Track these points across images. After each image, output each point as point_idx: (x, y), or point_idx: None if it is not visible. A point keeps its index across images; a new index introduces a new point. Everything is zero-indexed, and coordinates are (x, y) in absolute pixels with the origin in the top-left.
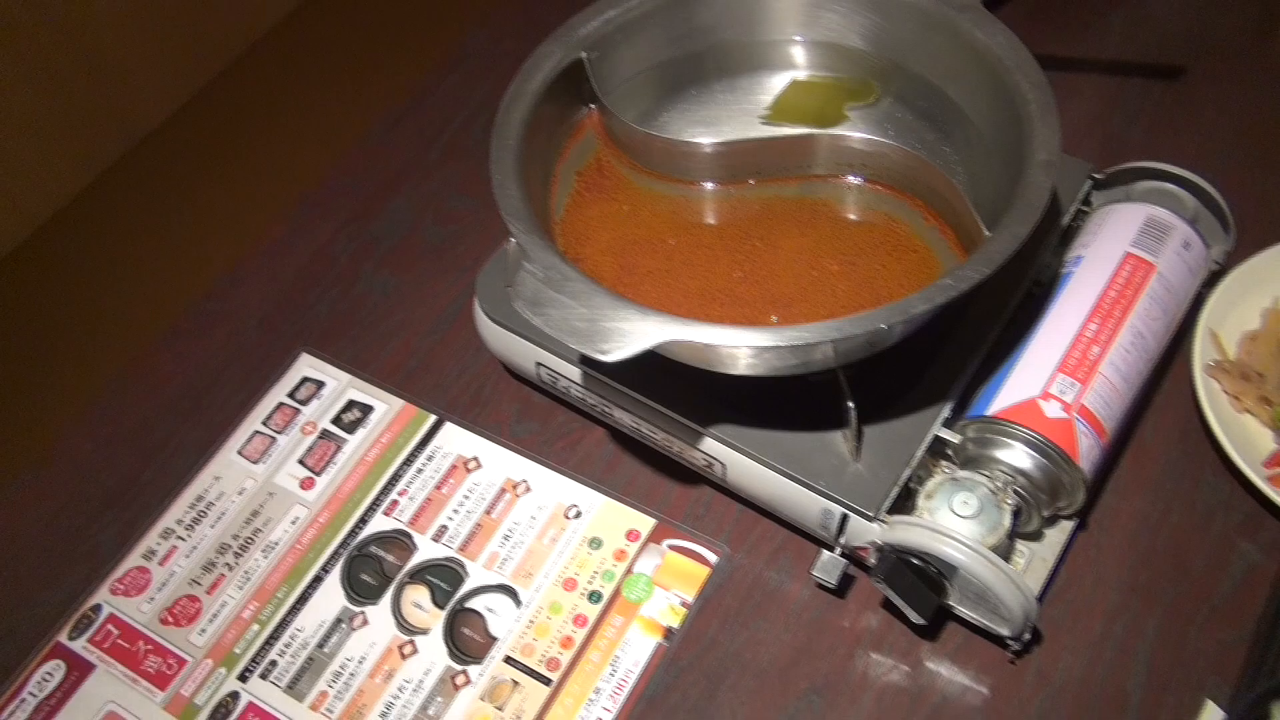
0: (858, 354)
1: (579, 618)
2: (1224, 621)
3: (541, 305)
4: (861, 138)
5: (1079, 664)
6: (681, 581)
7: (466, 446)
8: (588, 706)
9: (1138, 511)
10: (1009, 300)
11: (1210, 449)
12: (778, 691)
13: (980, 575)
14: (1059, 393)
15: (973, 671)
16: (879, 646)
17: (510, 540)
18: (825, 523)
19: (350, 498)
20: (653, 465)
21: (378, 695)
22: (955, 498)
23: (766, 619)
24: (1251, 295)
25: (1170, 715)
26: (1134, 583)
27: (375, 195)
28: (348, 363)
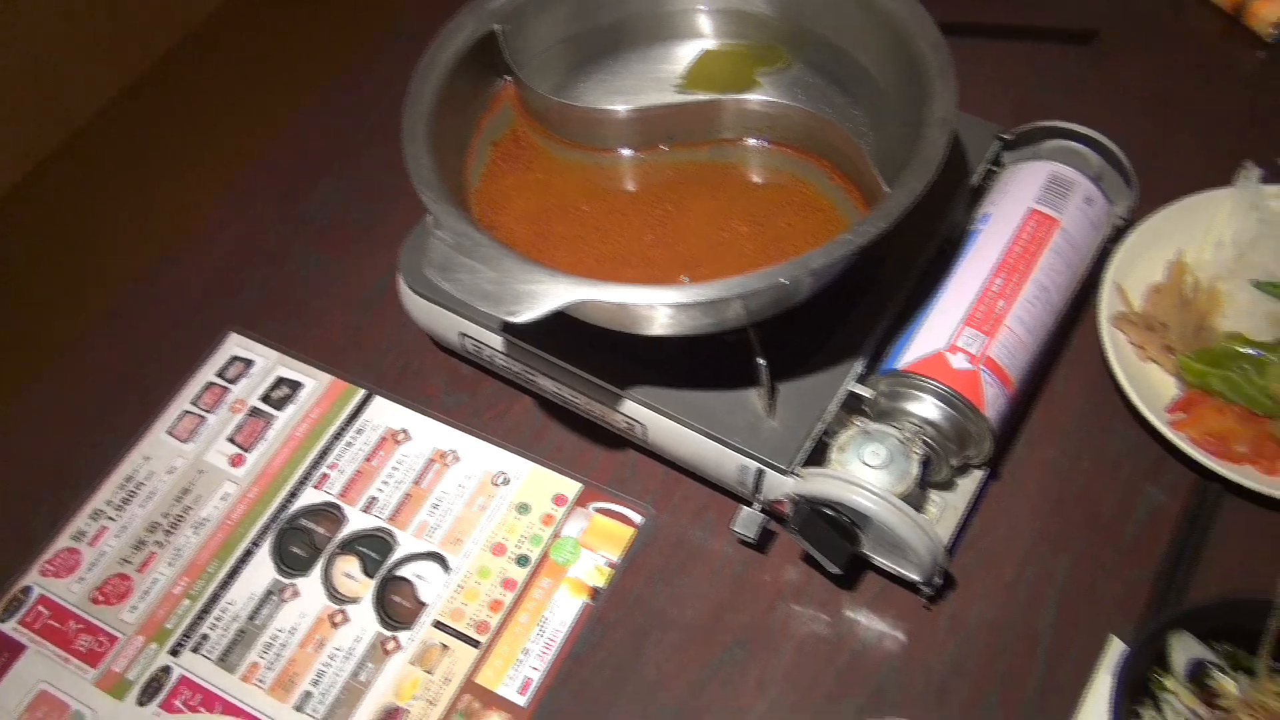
0: (767, 311)
1: (507, 581)
2: (1130, 562)
3: (451, 270)
4: (769, 101)
5: (992, 608)
6: (608, 543)
7: (396, 419)
8: (516, 666)
9: (1049, 460)
10: (919, 259)
11: (1118, 398)
12: (702, 645)
13: (888, 522)
14: (965, 345)
15: (890, 619)
16: (799, 598)
17: (439, 509)
18: (742, 479)
19: (280, 473)
20: (579, 431)
21: (309, 664)
22: (865, 449)
23: (690, 576)
24: (1156, 249)
25: (1078, 653)
26: (1045, 529)
27: (305, 176)
28: (277, 341)
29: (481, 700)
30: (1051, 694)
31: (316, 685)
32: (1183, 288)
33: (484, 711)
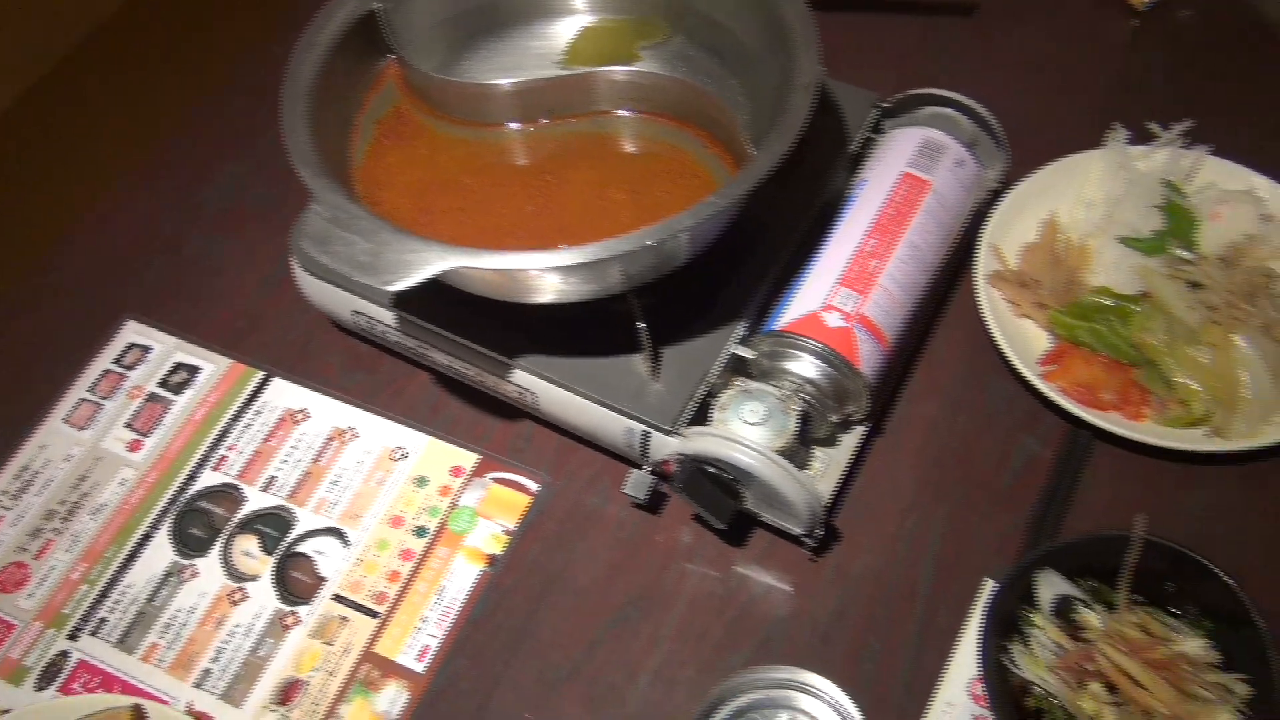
0: (647, 276)
1: (406, 552)
2: (1006, 509)
3: (328, 243)
4: (643, 72)
5: (875, 558)
6: (504, 511)
7: (295, 399)
8: (414, 634)
9: (929, 415)
10: (800, 224)
11: (994, 354)
12: (596, 606)
13: (766, 476)
14: (840, 304)
15: (777, 572)
16: (691, 557)
17: (338, 485)
18: (630, 441)
19: (179, 456)
20: (475, 404)
21: (209, 642)
22: (744, 407)
23: (585, 540)
24: (1030, 210)
25: (955, 597)
26: (925, 481)
27: (204, 162)
28: (176, 326)
29: (381, 669)
30: (930, 636)
31: (216, 662)
32: (1054, 246)
33: (383, 680)
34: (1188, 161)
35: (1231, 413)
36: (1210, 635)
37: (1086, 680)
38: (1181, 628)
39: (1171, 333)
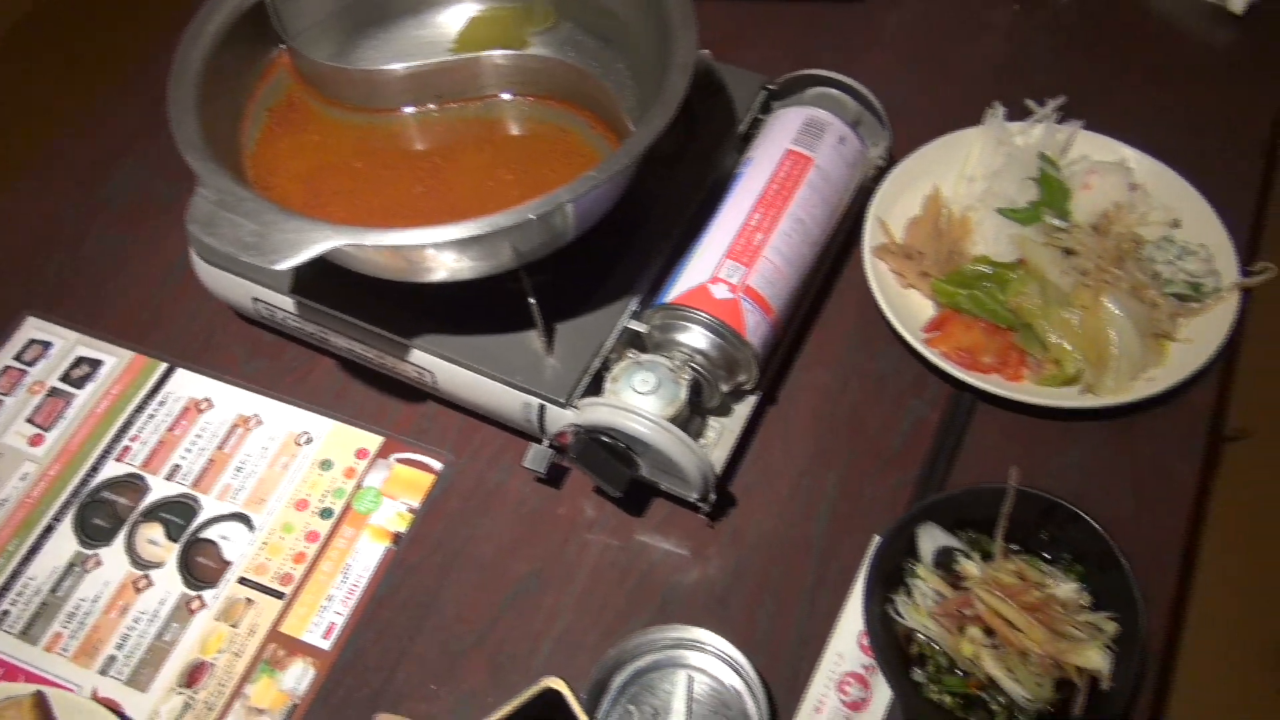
0: (537, 252)
1: (311, 534)
2: (895, 469)
3: (214, 225)
4: (528, 56)
5: (770, 521)
6: (409, 490)
7: (198, 389)
8: (320, 612)
9: (821, 384)
10: (690, 202)
11: (882, 323)
12: (499, 579)
13: (657, 443)
14: (726, 276)
15: (676, 539)
16: (592, 528)
17: (243, 471)
18: (528, 416)
19: (81, 449)
20: (379, 388)
21: (113, 629)
22: (635, 377)
23: (488, 515)
24: (914, 186)
25: (846, 554)
26: (818, 446)
27: (104, 160)
28: (77, 321)
29: (287, 648)
30: (822, 593)
31: (121, 649)
32: (937, 219)
33: (289, 658)
34: (1062, 136)
35: (1102, 370)
36: (1081, 579)
37: (965, 625)
38: (1055, 573)
39: (1045, 297)
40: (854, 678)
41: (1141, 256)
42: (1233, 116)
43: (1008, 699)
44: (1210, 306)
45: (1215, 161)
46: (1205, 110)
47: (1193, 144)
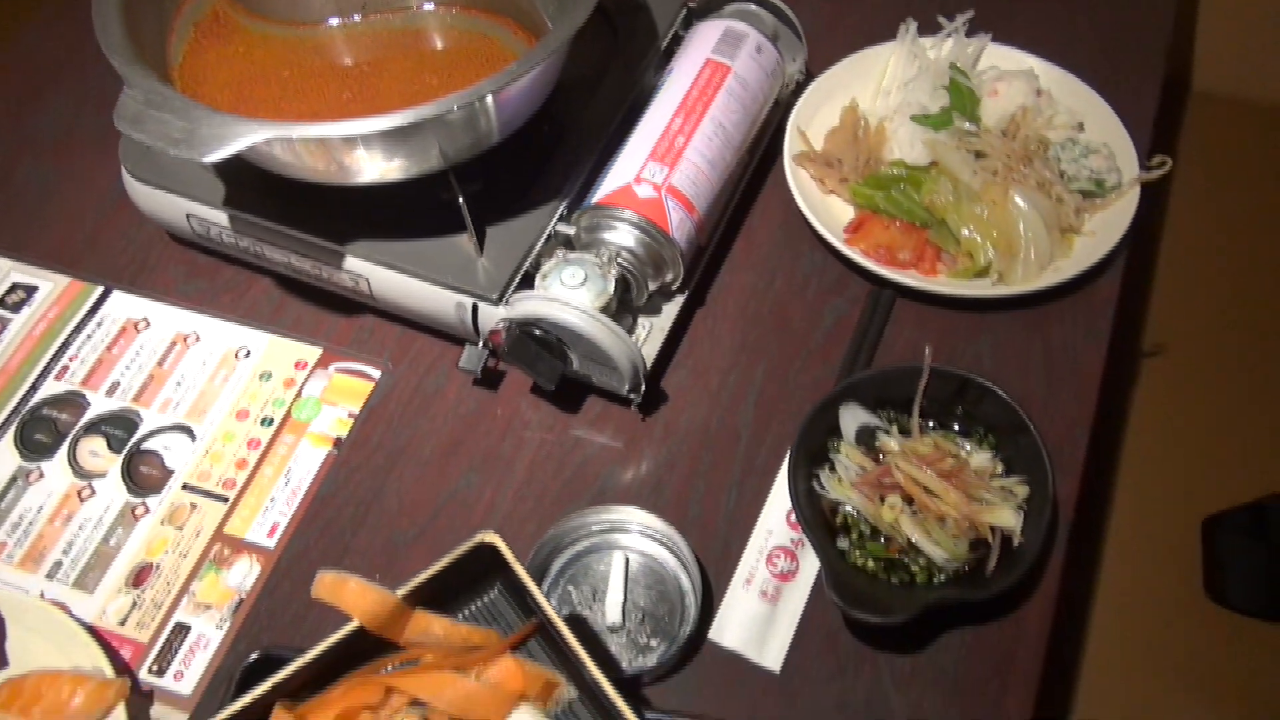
0: (465, 154)
1: (252, 441)
2: (818, 362)
3: (141, 123)
4: None
5: (700, 413)
6: (348, 397)
7: (135, 310)
8: (263, 514)
9: (747, 285)
10: (614, 113)
11: (805, 227)
12: (440, 476)
13: (587, 331)
14: (649, 177)
15: (610, 432)
16: (528, 425)
17: (183, 386)
18: (461, 316)
19: (19, 370)
20: (316, 302)
21: (58, 537)
22: (564, 272)
23: (427, 418)
24: (832, 99)
25: (773, 441)
26: (744, 343)
27: (32, 91)
28: (10, 249)
29: (231, 547)
30: (751, 476)
31: (67, 554)
32: (855, 128)
33: (234, 556)
34: (972, 49)
35: (1012, 261)
36: (994, 449)
37: (885, 494)
38: (969, 446)
39: (957, 194)
40: (783, 551)
41: (1048, 156)
42: (1135, 23)
43: (927, 560)
44: (1112, 201)
45: (1117, 68)
46: (1107, 21)
47: (1095, 53)
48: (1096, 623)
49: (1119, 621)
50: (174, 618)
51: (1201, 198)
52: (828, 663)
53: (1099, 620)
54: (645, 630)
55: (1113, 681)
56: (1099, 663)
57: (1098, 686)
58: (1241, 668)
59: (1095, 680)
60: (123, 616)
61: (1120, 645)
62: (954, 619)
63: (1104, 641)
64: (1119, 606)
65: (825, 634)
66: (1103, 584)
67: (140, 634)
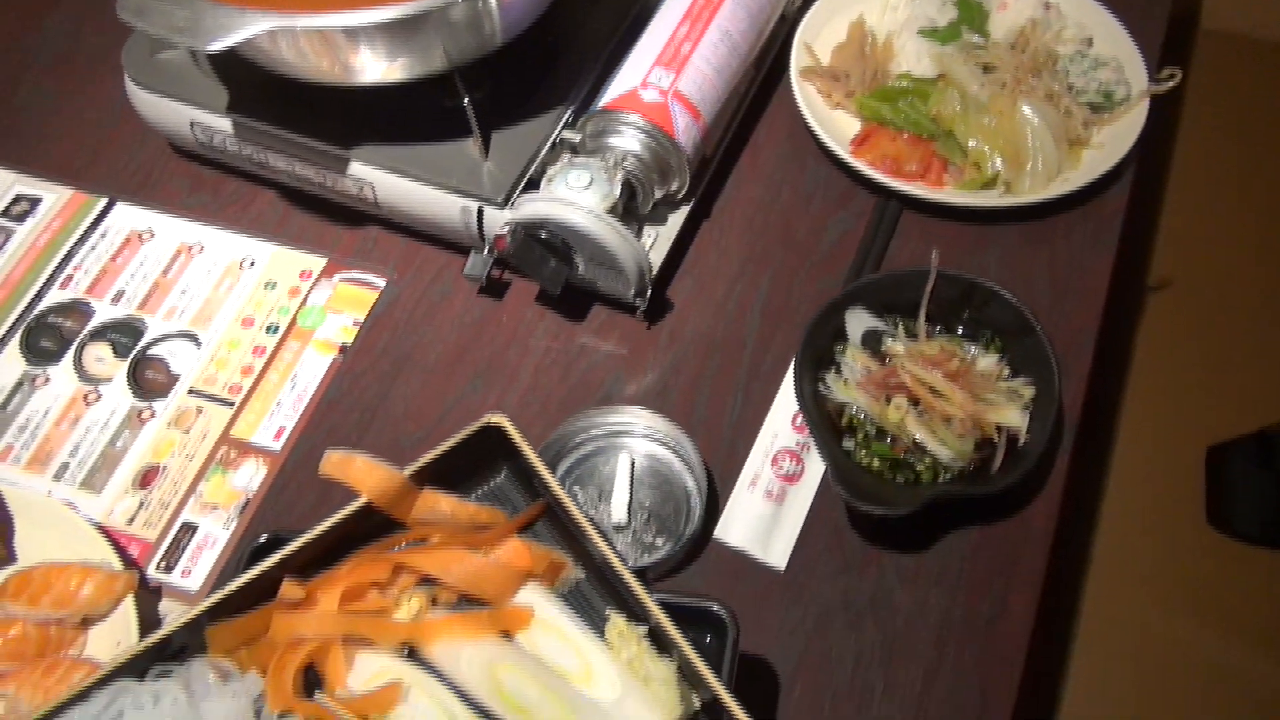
0: (468, 55)
1: (258, 348)
2: (823, 273)
3: (145, 13)
4: None
5: (705, 321)
6: (353, 306)
7: (140, 222)
8: (270, 418)
9: (753, 198)
10: (620, 22)
11: (811, 141)
12: (445, 381)
13: (592, 231)
14: (655, 81)
15: (615, 340)
16: (533, 334)
17: (188, 294)
18: (466, 220)
19: (24, 279)
20: (320, 214)
21: (64, 439)
22: (570, 175)
23: (432, 327)
24: (839, 15)
25: (779, 347)
26: (750, 254)
27: (35, 8)
28: (14, 163)
29: (238, 450)
30: (756, 382)
31: (74, 456)
32: (862, 43)
33: (240, 459)
34: None
35: (1019, 170)
36: (1000, 352)
37: (891, 395)
38: (975, 350)
39: (965, 105)
40: (788, 454)
41: (1056, 70)
42: None
43: (932, 459)
44: (1121, 115)
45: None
46: None
47: None
48: (1099, 547)
49: (1121, 548)
50: (181, 517)
51: (1208, 134)
52: (833, 561)
53: (1101, 544)
54: (651, 529)
55: (1114, 607)
56: (1100, 587)
57: (1099, 611)
58: (1243, 594)
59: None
60: (130, 516)
61: (1122, 571)
62: (960, 519)
63: (1106, 566)
64: (1122, 532)
65: (830, 534)
66: (1105, 511)
67: (148, 532)
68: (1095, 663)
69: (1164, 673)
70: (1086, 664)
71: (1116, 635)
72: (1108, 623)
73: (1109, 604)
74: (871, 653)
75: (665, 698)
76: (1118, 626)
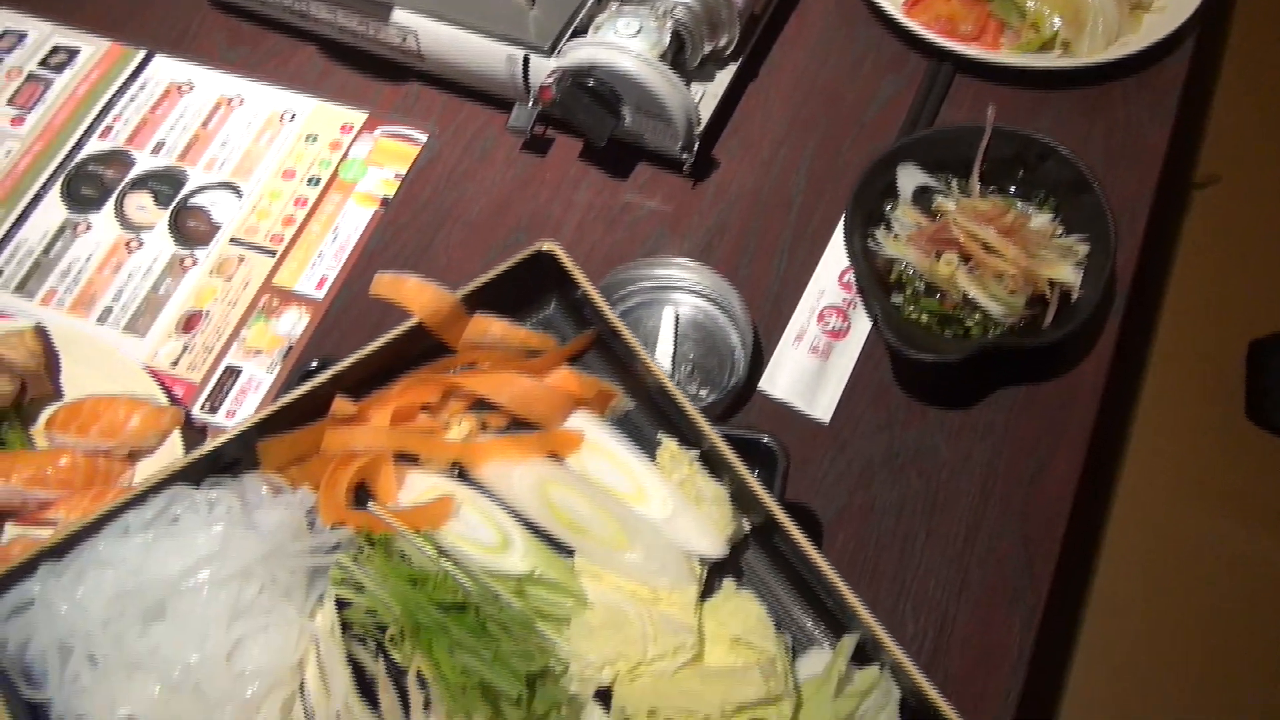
0: None
1: (299, 200)
2: (872, 138)
3: None
4: None
5: (751, 180)
6: (394, 160)
7: (179, 74)
8: (312, 267)
9: (800, 61)
10: None
11: (861, 3)
12: (488, 233)
13: (641, 77)
14: None
15: (660, 198)
16: (576, 188)
17: (228, 146)
18: (512, 69)
19: (64, 128)
20: (361, 69)
21: (107, 284)
22: (619, 22)
23: (475, 181)
24: None
25: (826, 207)
26: (796, 117)
27: None
28: (50, 14)
29: (280, 298)
30: (802, 240)
31: (117, 301)
32: None
33: (283, 306)
34: None
35: (1079, 31)
36: (1054, 211)
37: (942, 250)
38: (1029, 209)
39: None
40: (834, 311)
41: None
42: None
43: (982, 315)
44: None
45: None
46: None
47: None
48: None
49: (1158, 441)
50: (225, 361)
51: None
52: (877, 416)
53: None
54: (695, 381)
55: (1148, 502)
56: (1134, 481)
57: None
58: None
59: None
60: (174, 359)
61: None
62: (1006, 377)
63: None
64: (1159, 425)
65: (875, 390)
66: (1143, 403)
67: (192, 375)
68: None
69: (1194, 565)
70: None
71: (1149, 527)
72: (1140, 515)
73: (1143, 498)
74: (915, 503)
75: (717, 516)
76: (1150, 519)
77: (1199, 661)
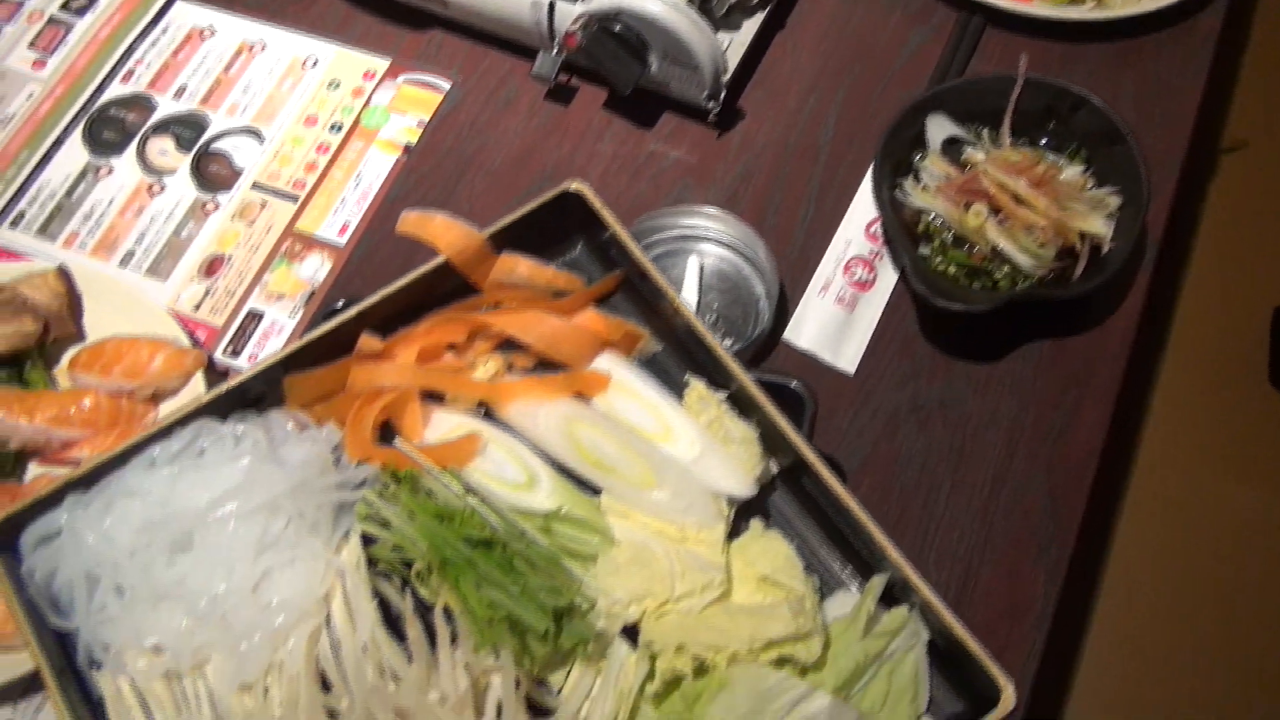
0: None
1: (321, 146)
2: (899, 87)
3: None
4: None
5: (778, 130)
6: (417, 107)
7: (200, 19)
8: (334, 214)
9: (828, 11)
10: None
11: None
12: (511, 182)
13: (668, 21)
14: None
15: (685, 148)
16: (601, 138)
17: (250, 91)
18: (537, 16)
19: (85, 71)
20: (384, 16)
21: (129, 228)
22: None
23: (498, 130)
24: None
25: (853, 157)
26: (824, 67)
27: None
28: None
29: (303, 243)
30: (829, 190)
31: (139, 244)
32: None
33: (305, 252)
34: None
35: None
36: (1085, 163)
37: (971, 201)
38: (1060, 160)
39: None
40: (861, 262)
41: None
42: None
43: (1011, 267)
44: None
45: None
46: None
47: None
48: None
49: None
50: (247, 305)
51: None
52: (903, 367)
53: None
54: (719, 331)
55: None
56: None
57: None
58: None
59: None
60: (196, 302)
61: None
62: (1034, 331)
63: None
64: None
65: (901, 342)
66: (1166, 368)
67: (214, 318)
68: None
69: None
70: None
71: (1169, 489)
72: (1160, 477)
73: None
74: (940, 453)
75: (745, 456)
76: (1170, 481)
77: (1216, 624)
